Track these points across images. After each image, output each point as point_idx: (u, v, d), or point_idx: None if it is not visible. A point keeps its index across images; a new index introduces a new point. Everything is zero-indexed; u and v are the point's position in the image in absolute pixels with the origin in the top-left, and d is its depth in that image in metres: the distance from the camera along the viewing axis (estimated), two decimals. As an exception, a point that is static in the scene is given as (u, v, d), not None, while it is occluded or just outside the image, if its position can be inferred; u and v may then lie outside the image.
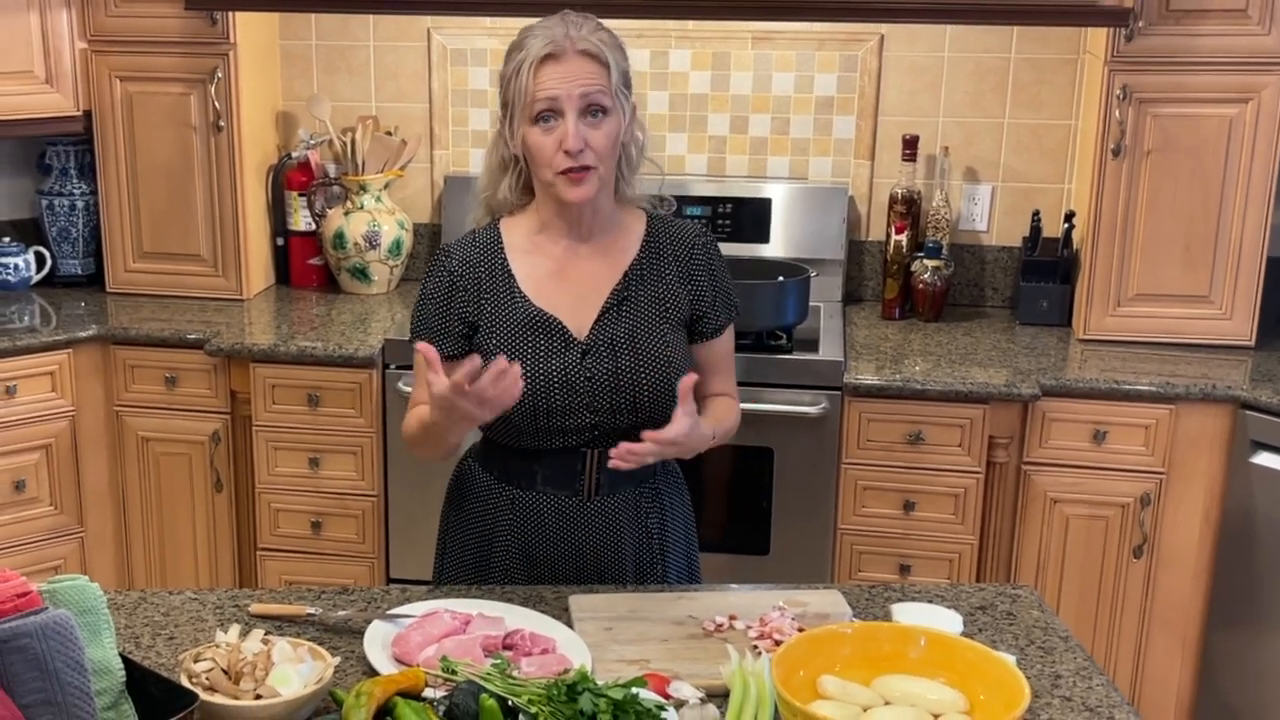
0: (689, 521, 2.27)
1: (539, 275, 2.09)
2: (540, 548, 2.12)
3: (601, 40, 2.00)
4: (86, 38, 3.48)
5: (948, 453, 3.09)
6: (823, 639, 1.67)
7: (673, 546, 2.21)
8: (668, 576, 2.19)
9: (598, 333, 2.06)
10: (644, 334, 2.07)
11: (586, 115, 1.98)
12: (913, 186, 3.55)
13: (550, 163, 1.99)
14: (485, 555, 2.16)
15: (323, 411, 3.26)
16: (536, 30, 2.01)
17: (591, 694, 1.54)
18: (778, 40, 3.62)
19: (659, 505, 2.17)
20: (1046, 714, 1.70)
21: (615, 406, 2.04)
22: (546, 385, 2.03)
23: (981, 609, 1.99)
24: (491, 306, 2.08)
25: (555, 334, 2.06)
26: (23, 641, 1.42)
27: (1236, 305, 3.27)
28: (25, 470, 3.30)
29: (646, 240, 2.13)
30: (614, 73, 1.99)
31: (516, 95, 2.00)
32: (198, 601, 1.96)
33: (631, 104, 2.06)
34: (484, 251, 2.10)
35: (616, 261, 2.10)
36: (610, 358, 2.05)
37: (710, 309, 2.14)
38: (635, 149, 2.11)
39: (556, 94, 1.96)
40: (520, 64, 1.99)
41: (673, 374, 2.05)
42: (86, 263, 3.77)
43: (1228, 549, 3.09)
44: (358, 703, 1.55)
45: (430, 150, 3.81)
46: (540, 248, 2.10)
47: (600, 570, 2.12)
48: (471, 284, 2.08)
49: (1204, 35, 3.14)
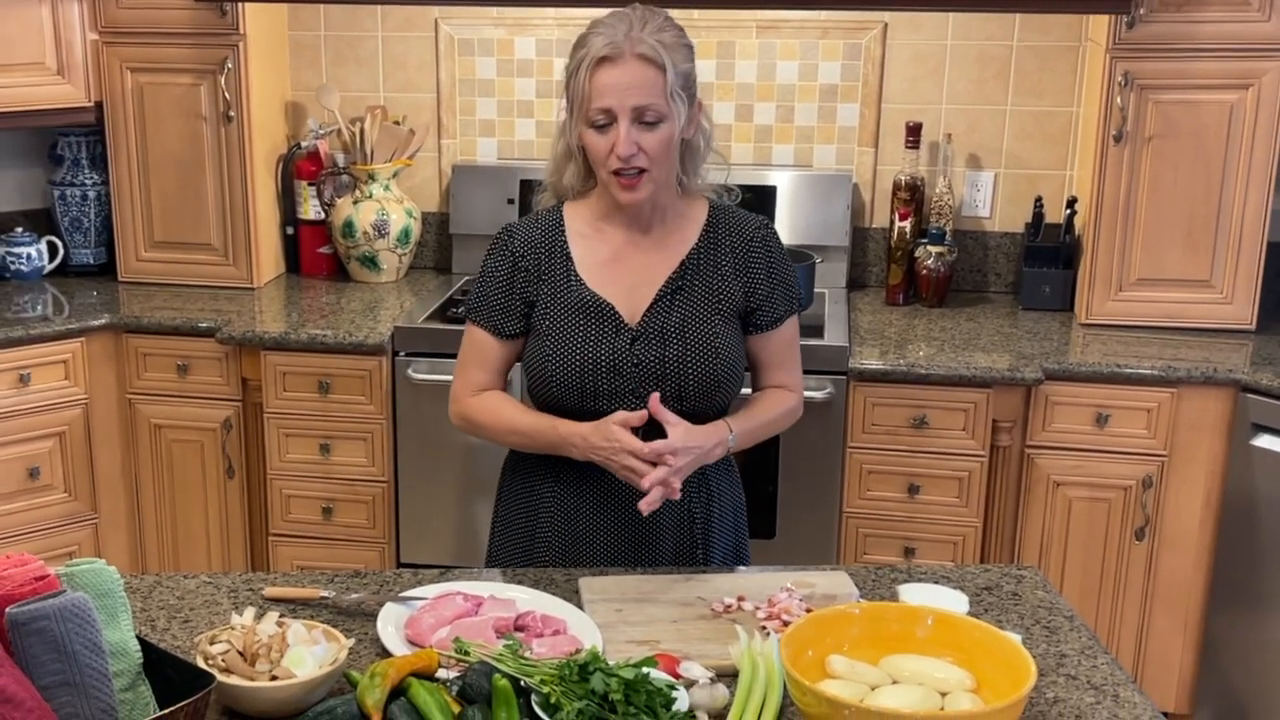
0: (738, 507, 2.25)
1: (596, 260, 2.09)
2: (584, 521, 2.11)
3: (661, 42, 1.96)
4: (97, 29, 3.47)
5: (952, 436, 3.09)
6: (831, 619, 1.67)
7: (718, 533, 2.18)
8: (710, 561, 2.16)
9: (649, 320, 2.06)
10: (695, 324, 2.07)
11: (640, 121, 1.96)
12: (916, 173, 3.54)
13: (604, 164, 1.99)
14: (531, 529, 2.15)
15: (333, 398, 3.26)
16: (601, 27, 1.98)
17: (603, 674, 1.54)
18: (782, 29, 3.61)
19: (705, 490, 2.14)
20: (1052, 692, 1.70)
21: (663, 392, 2.03)
22: (595, 369, 2.03)
23: (987, 589, 1.99)
24: (549, 287, 2.08)
25: (608, 319, 2.06)
26: (41, 624, 1.42)
27: (1237, 289, 3.26)
28: (39, 457, 3.31)
29: (706, 231, 2.12)
30: (671, 76, 1.96)
31: (575, 94, 1.99)
32: (212, 585, 1.96)
33: (696, 100, 2.03)
34: (545, 233, 2.10)
35: (675, 251, 2.10)
36: (659, 345, 2.05)
37: (766, 301, 2.12)
38: (703, 140, 2.09)
39: (610, 104, 1.95)
40: (580, 63, 1.97)
41: (720, 365, 2.06)
42: (98, 252, 3.78)
43: (1229, 530, 3.08)
44: (372, 683, 1.55)
45: (438, 139, 3.80)
46: (601, 233, 2.10)
47: (636, 550, 2.11)
48: (532, 264, 2.09)
49: (1205, 22, 3.12)
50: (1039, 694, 1.69)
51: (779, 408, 2.16)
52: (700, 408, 2.05)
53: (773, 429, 2.16)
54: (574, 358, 2.03)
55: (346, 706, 1.55)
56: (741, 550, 2.25)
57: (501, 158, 3.80)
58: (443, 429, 2.16)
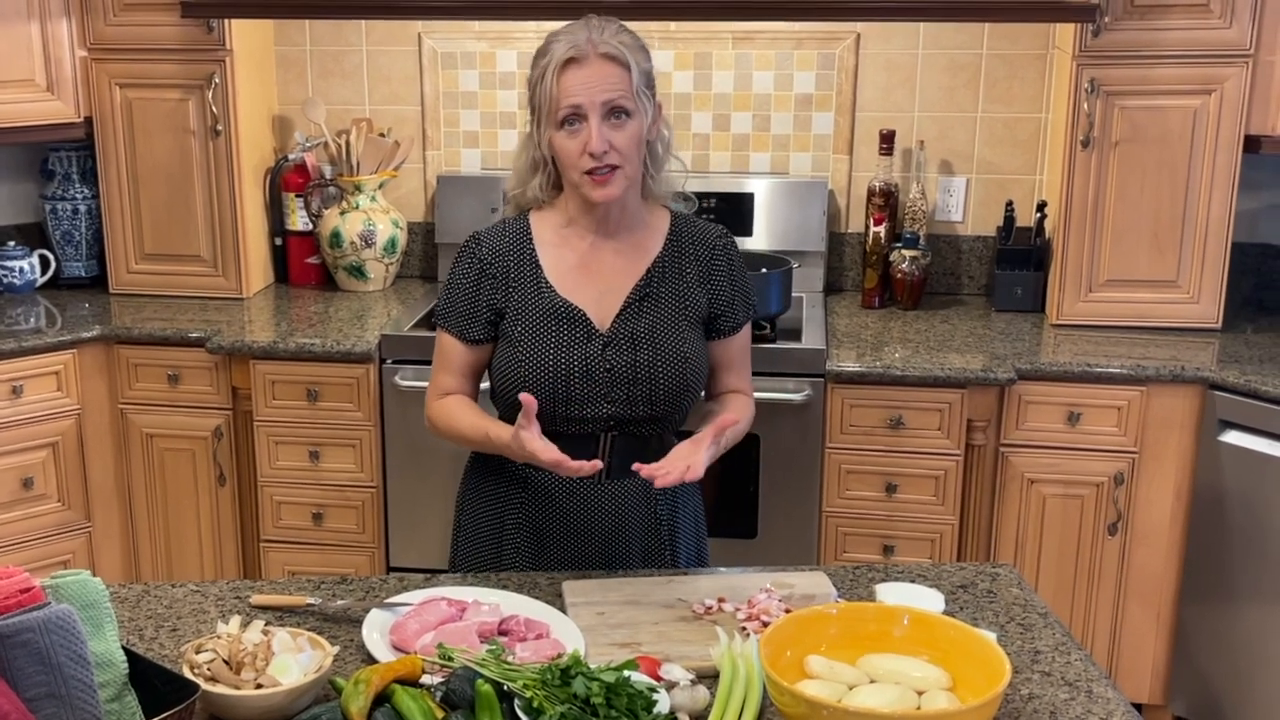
0: (699, 513, 2.25)
1: (565, 267, 2.07)
2: (550, 527, 2.10)
3: (623, 43, 1.98)
4: (86, 46, 3.44)
5: (928, 436, 3.07)
6: (809, 620, 1.65)
7: (683, 535, 2.18)
8: (676, 563, 2.16)
9: (619, 326, 2.05)
10: (664, 330, 2.06)
11: (609, 118, 1.96)
12: (890, 179, 3.53)
13: (576, 164, 1.98)
14: (498, 533, 2.14)
15: (322, 406, 3.24)
16: (560, 35, 1.99)
17: (585, 677, 1.52)
18: (757, 40, 3.60)
19: (670, 493, 2.13)
20: (1027, 689, 1.69)
21: (632, 398, 2.02)
22: (567, 374, 2.02)
23: (963, 588, 1.97)
24: (519, 295, 2.06)
25: (579, 324, 2.04)
26: (26, 636, 1.39)
27: (1203, 289, 3.26)
28: (33, 468, 3.27)
29: (670, 239, 2.11)
30: (635, 74, 1.97)
31: (542, 100, 1.98)
32: (199, 594, 1.93)
33: (655, 103, 2.03)
34: (513, 241, 2.09)
35: (640, 258, 2.09)
36: (630, 351, 2.04)
37: (728, 308, 2.13)
38: (661, 146, 2.09)
39: (579, 100, 1.94)
40: (545, 69, 1.97)
41: (689, 370, 2.05)
42: (90, 265, 3.74)
43: (1199, 524, 3.08)
44: (356, 690, 1.53)
45: (423, 151, 3.78)
46: (567, 241, 2.09)
47: (606, 554, 2.10)
48: (500, 272, 2.07)
49: (1168, 29, 3.12)
50: (1014, 691, 1.67)
51: (745, 417, 2.14)
52: (668, 412, 2.06)
53: (739, 439, 2.14)
54: (546, 363, 2.01)
55: (331, 713, 1.52)
56: (703, 552, 2.25)
57: (485, 168, 3.78)
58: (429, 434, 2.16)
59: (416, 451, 3.23)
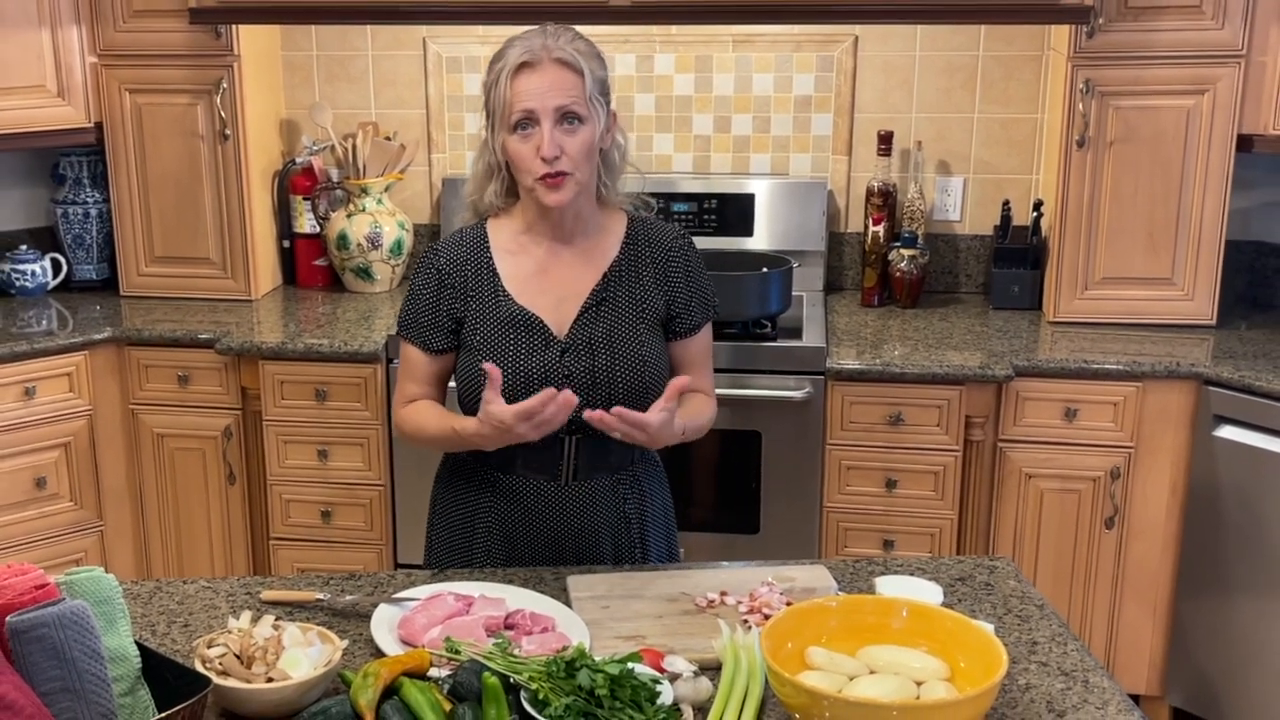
0: (668, 508, 2.25)
1: (523, 275, 2.07)
2: (520, 529, 2.10)
3: (577, 50, 1.98)
4: (96, 52, 3.45)
5: (927, 432, 3.08)
6: (810, 612, 1.65)
7: (653, 531, 2.18)
8: (648, 560, 2.16)
9: (577, 332, 2.04)
10: (621, 334, 2.05)
11: (562, 123, 1.96)
12: (888, 180, 3.53)
13: (529, 169, 1.97)
14: (469, 535, 2.14)
15: (330, 405, 3.24)
16: (516, 41, 1.99)
17: (589, 669, 1.53)
18: (757, 43, 3.60)
19: (638, 491, 2.14)
20: (1024, 679, 1.69)
21: (592, 402, 2.00)
22: (527, 381, 2.00)
23: (961, 580, 1.98)
24: (477, 303, 2.06)
25: (536, 332, 2.04)
26: (41, 631, 1.40)
27: (1198, 286, 3.26)
28: (46, 468, 3.28)
29: (626, 243, 2.10)
30: (589, 81, 1.97)
31: (496, 104, 1.98)
32: (211, 590, 1.94)
33: (610, 110, 2.03)
34: (470, 250, 2.09)
35: (597, 263, 2.08)
36: (588, 356, 2.03)
37: (685, 310, 2.12)
38: (617, 154, 2.08)
39: (532, 105, 1.95)
40: (499, 73, 1.98)
41: (648, 373, 2.04)
42: (101, 268, 3.75)
43: (1194, 518, 3.08)
44: (365, 683, 1.53)
45: (428, 154, 3.79)
46: (524, 248, 2.08)
47: (578, 553, 2.10)
48: (459, 281, 2.07)
49: (1161, 30, 3.12)
50: (1011, 681, 1.68)
51: (705, 414, 2.12)
52: None
53: (699, 434, 2.10)
54: (505, 371, 1.97)
55: (340, 706, 1.53)
56: (673, 547, 2.25)
57: (489, 171, 3.78)
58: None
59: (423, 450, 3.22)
